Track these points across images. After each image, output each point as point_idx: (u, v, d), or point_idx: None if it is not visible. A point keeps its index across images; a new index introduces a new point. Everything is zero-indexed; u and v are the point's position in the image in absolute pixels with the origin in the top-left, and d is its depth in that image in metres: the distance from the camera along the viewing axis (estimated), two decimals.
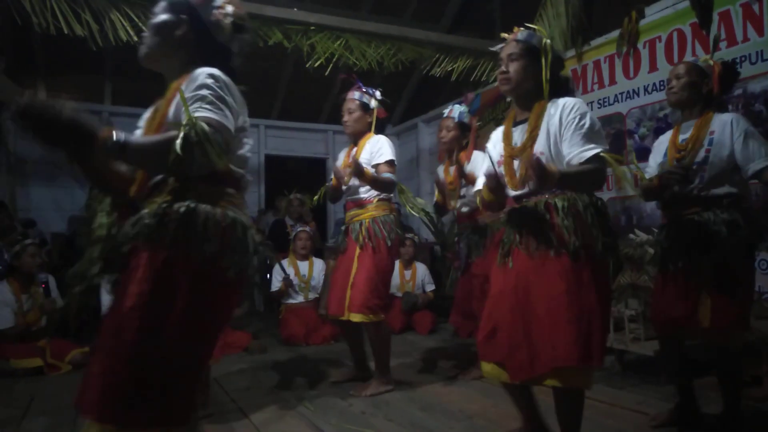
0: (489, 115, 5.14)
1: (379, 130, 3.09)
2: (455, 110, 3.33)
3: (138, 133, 1.51)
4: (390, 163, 2.92)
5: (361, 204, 3.01)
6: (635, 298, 3.05)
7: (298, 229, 5.07)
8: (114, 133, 1.22)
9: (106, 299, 3.91)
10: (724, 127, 2.15)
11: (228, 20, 1.51)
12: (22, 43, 5.43)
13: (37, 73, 6.01)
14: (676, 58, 3.77)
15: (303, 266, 4.88)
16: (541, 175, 1.57)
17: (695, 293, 2.15)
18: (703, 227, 2.12)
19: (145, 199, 1.41)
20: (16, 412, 2.72)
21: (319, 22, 4.09)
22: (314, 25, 4.10)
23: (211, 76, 1.38)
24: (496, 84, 4.81)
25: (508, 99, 2.04)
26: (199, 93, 1.35)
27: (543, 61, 1.86)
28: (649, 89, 4.02)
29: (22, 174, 5.79)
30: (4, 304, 3.67)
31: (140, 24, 3.65)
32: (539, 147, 1.83)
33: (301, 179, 6.18)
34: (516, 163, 1.90)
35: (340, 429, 2.39)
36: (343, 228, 3.13)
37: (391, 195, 3.03)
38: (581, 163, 1.72)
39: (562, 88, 1.92)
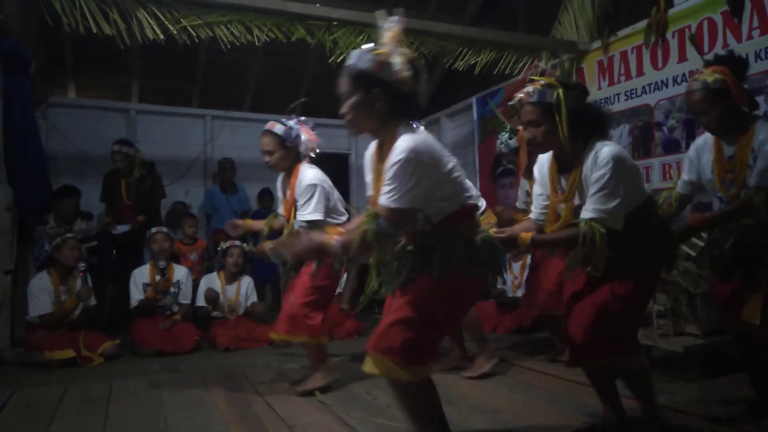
0: (510, 111, 5.07)
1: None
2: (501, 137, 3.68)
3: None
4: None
5: None
6: (663, 293, 2.99)
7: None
8: (334, 243, 1.61)
9: (135, 294, 4.03)
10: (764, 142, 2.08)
11: (407, 72, 1.65)
12: (52, 44, 5.56)
13: (66, 73, 6.14)
14: (706, 48, 3.67)
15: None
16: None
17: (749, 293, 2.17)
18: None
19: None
20: (51, 402, 2.80)
21: (341, 17, 4.09)
22: (337, 21, 4.10)
23: (405, 157, 1.57)
24: (520, 77, 4.77)
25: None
26: (390, 177, 1.59)
27: (557, 117, 1.89)
28: (678, 80, 3.93)
29: (55, 171, 5.92)
30: (44, 292, 3.84)
31: (166, 22, 3.69)
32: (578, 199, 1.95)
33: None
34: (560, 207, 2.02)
35: (364, 421, 2.41)
36: None
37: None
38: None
39: (591, 120, 1.96)
